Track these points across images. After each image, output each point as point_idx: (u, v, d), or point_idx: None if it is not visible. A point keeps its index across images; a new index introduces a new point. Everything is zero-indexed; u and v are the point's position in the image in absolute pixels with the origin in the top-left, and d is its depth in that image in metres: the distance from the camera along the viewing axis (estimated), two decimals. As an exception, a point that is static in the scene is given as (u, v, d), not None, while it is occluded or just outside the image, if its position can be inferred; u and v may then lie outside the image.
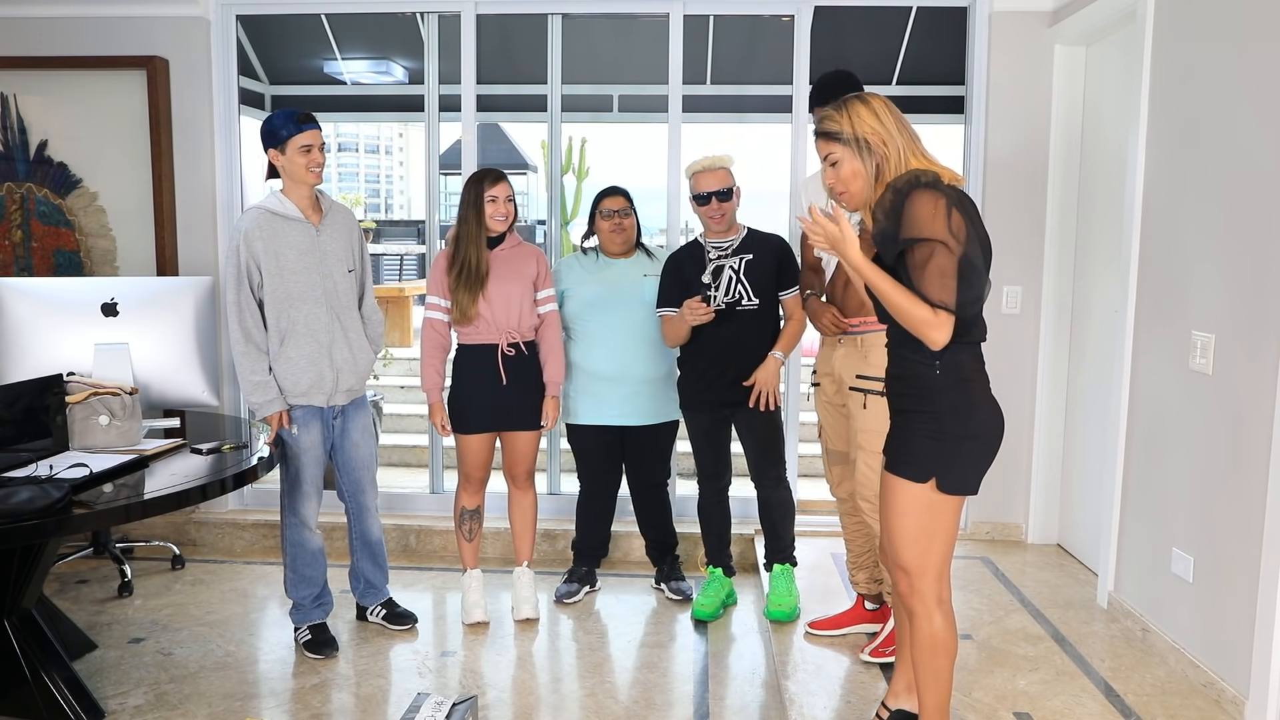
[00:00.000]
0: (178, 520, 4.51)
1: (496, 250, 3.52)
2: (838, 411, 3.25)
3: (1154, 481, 3.34)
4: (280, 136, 3.18)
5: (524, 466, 3.68)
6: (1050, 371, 4.33)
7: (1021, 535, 4.44)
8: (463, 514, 3.67)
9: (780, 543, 3.65)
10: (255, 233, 3.19)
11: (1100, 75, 4.09)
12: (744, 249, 3.55)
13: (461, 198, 3.51)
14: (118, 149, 4.45)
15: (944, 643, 2.29)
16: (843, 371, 3.15)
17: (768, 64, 4.92)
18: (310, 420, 3.32)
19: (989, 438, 2.22)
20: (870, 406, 3.04)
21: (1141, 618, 3.36)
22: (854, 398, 3.10)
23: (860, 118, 2.24)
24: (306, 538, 3.39)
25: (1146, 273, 3.41)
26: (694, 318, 3.38)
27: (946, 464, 2.21)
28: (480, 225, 3.47)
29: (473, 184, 3.49)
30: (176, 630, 3.61)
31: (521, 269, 3.55)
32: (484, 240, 3.48)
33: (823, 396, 3.30)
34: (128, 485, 2.71)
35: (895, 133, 2.23)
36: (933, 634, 2.28)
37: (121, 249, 4.50)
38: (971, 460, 2.22)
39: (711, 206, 3.50)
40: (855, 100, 2.28)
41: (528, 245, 3.63)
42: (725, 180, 3.50)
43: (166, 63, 4.39)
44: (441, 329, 3.55)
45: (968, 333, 2.18)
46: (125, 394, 3.05)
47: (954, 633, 2.29)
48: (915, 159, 2.21)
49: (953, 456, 2.20)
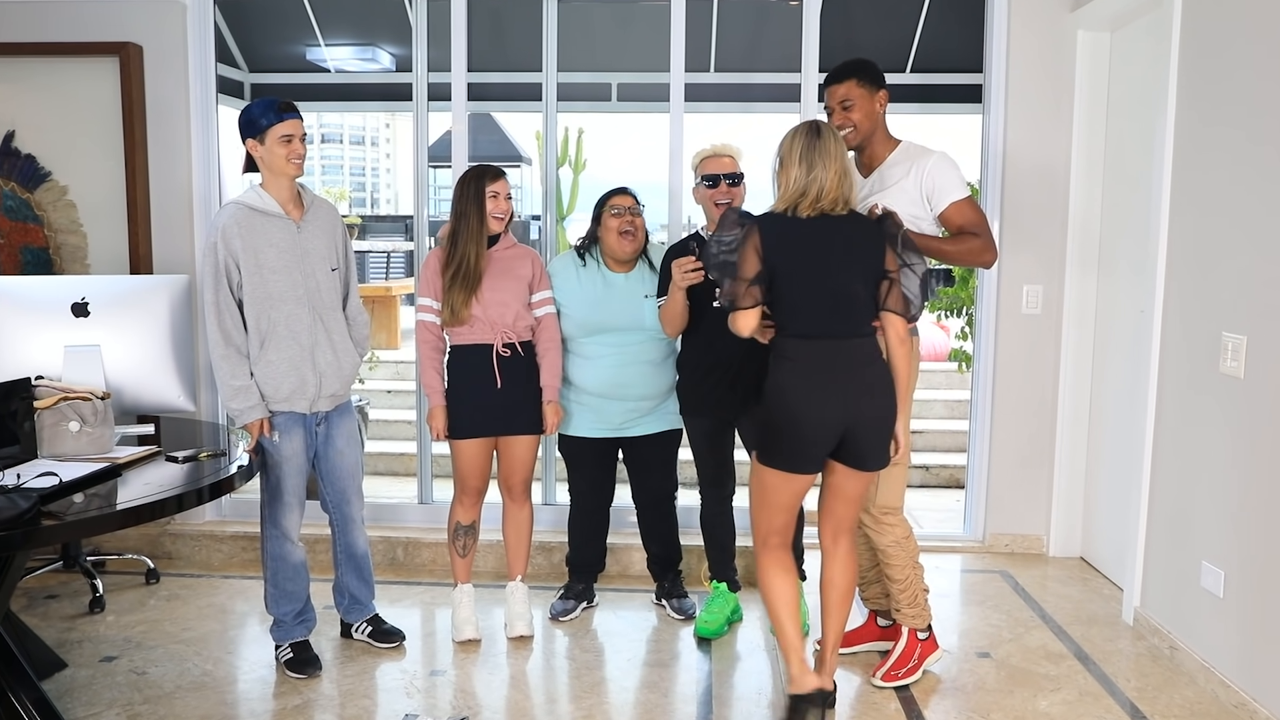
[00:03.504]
0: (152, 532, 4.51)
1: (492, 250, 3.53)
2: None
3: (1183, 491, 3.34)
4: (259, 126, 3.18)
5: (521, 476, 3.68)
6: (1072, 374, 4.34)
7: (1042, 548, 4.44)
8: (457, 529, 3.67)
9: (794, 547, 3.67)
10: (233, 229, 3.19)
11: (1126, 62, 4.09)
12: None
13: (458, 193, 3.52)
14: (89, 140, 4.45)
15: (768, 598, 2.92)
16: None
17: (774, 51, 4.93)
18: (292, 427, 3.32)
19: (782, 421, 2.77)
20: None
21: (1169, 635, 3.36)
22: None
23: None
24: (288, 550, 3.39)
25: (1175, 271, 3.41)
26: (684, 280, 3.37)
27: (759, 437, 2.88)
28: (482, 222, 3.48)
29: (472, 179, 3.50)
30: (151, 648, 3.61)
31: (517, 270, 3.56)
32: (484, 238, 3.49)
33: None
34: (99, 495, 2.71)
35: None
36: (762, 590, 2.94)
37: (93, 245, 4.50)
38: (770, 438, 2.82)
39: (720, 190, 3.53)
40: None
41: (522, 246, 3.65)
42: (735, 166, 3.57)
43: (140, 49, 4.39)
44: (435, 330, 3.55)
45: (782, 325, 2.82)
46: (97, 399, 3.05)
47: (771, 590, 2.89)
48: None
49: (760, 432, 2.86)
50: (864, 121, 3.17)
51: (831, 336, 2.77)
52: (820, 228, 2.79)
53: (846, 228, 2.80)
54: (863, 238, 2.80)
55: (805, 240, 2.78)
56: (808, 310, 2.78)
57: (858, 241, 2.80)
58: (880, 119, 3.21)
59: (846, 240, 2.79)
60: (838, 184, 2.78)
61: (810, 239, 2.78)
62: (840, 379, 2.75)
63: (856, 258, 2.79)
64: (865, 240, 2.80)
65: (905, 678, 3.17)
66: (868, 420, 2.78)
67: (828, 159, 2.78)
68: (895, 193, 3.12)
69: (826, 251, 2.78)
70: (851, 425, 2.77)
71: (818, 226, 2.79)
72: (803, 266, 2.78)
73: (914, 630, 3.20)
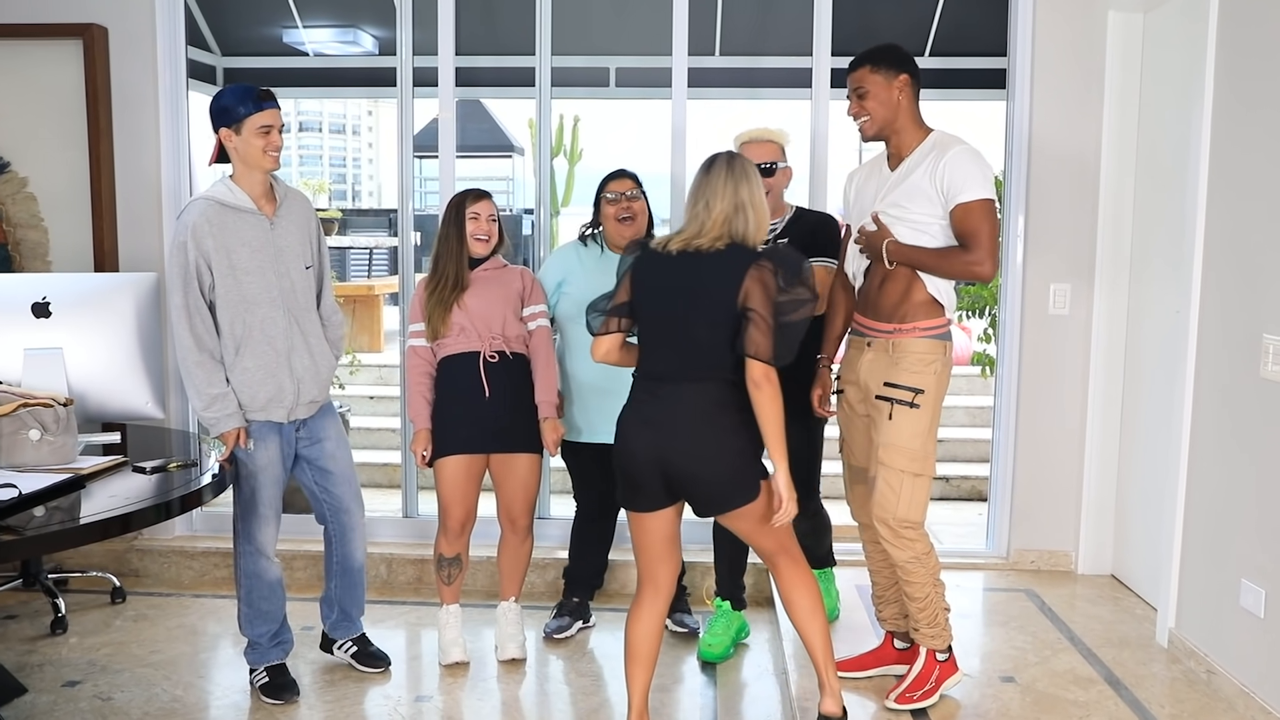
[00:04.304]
0: (118, 548, 4.51)
1: (477, 270, 3.57)
2: (861, 423, 3.25)
3: (1221, 504, 3.34)
4: (237, 114, 3.18)
5: (523, 505, 3.65)
6: (1103, 380, 4.33)
7: (1070, 564, 4.44)
8: (440, 561, 3.66)
9: (819, 550, 3.80)
10: (204, 227, 3.18)
11: (1160, 45, 4.09)
12: (785, 234, 3.63)
13: (441, 218, 3.61)
14: (50, 129, 4.45)
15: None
16: (869, 378, 3.16)
17: (784, 33, 4.94)
18: (267, 434, 3.31)
19: (615, 456, 2.91)
20: (896, 418, 3.04)
21: (1206, 658, 3.36)
22: (879, 407, 3.10)
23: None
24: (263, 567, 3.39)
25: (1212, 269, 3.41)
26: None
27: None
28: (461, 242, 3.54)
29: (453, 205, 3.59)
30: (116, 672, 3.60)
31: (506, 283, 3.61)
32: (465, 258, 3.55)
33: (845, 405, 3.31)
34: (61, 508, 2.71)
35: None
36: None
37: (55, 241, 4.50)
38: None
39: None
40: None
41: (514, 267, 3.69)
42: (773, 154, 3.60)
43: (105, 31, 4.40)
44: (426, 355, 3.58)
45: (638, 362, 2.92)
46: (59, 405, 3.05)
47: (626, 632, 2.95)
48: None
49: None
50: (879, 110, 3.13)
51: (670, 380, 2.81)
52: (680, 266, 2.81)
53: (706, 265, 2.79)
54: (717, 276, 2.78)
55: (664, 277, 2.84)
56: (653, 349, 2.86)
57: (710, 280, 2.78)
58: (903, 106, 3.14)
59: (700, 279, 2.79)
60: (722, 221, 2.78)
61: (668, 276, 2.83)
62: (655, 420, 2.79)
63: (705, 298, 2.78)
64: (719, 278, 2.77)
65: (920, 700, 3.17)
66: (679, 467, 2.77)
67: (714, 196, 2.79)
68: (910, 193, 3.07)
69: (678, 291, 2.81)
70: (666, 469, 2.78)
71: (678, 264, 2.82)
72: (656, 304, 2.85)
73: (932, 651, 3.19)
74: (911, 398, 3.04)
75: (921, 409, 3.05)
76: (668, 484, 2.80)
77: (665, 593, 2.92)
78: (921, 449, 3.06)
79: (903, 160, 3.15)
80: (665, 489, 2.81)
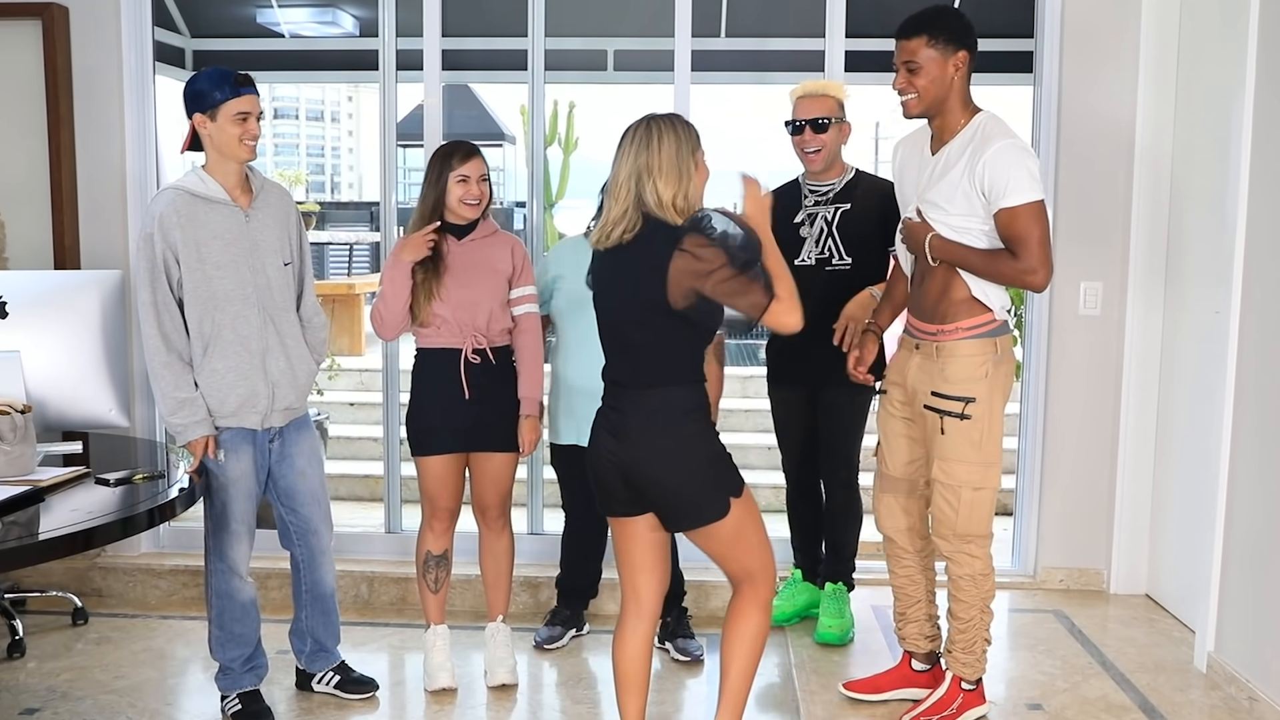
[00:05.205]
0: (80, 566, 4.51)
1: (465, 241, 3.53)
2: (902, 429, 3.25)
3: (1263, 519, 3.35)
4: (213, 100, 3.18)
5: (495, 498, 3.67)
6: (1137, 385, 4.34)
7: (1102, 584, 4.44)
8: (428, 560, 3.67)
9: (839, 556, 3.94)
10: (173, 218, 3.19)
11: (1199, 24, 4.10)
12: (844, 197, 3.73)
13: (425, 175, 3.54)
14: (7, 116, 4.46)
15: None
16: (915, 384, 3.16)
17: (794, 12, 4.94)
18: (240, 445, 3.32)
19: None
20: (949, 432, 3.05)
21: (1248, 684, 3.37)
22: (928, 418, 3.11)
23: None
24: (236, 587, 3.39)
25: (1255, 265, 3.42)
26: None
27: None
28: (435, 210, 3.48)
29: (438, 159, 3.51)
30: (78, 699, 3.61)
31: (493, 262, 3.56)
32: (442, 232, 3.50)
33: (888, 408, 3.31)
34: (19, 523, 2.71)
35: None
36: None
37: (12, 236, 4.51)
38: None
39: (805, 136, 3.72)
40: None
41: (504, 234, 3.65)
42: (829, 109, 3.70)
43: (66, 11, 4.40)
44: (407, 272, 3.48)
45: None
46: (16, 413, 3.05)
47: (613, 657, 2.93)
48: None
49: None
50: (931, 89, 3.03)
51: (630, 386, 2.79)
52: (604, 264, 2.80)
53: (626, 261, 2.72)
54: (636, 274, 2.69)
55: (596, 278, 2.85)
56: (608, 354, 2.85)
57: (630, 280, 2.71)
58: (956, 85, 3.04)
59: (621, 279, 2.75)
60: (624, 197, 2.68)
61: (598, 277, 2.84)
62: (618, 430, 2.78)
63: (633, 302, 2.72)
64: (641, 277, 2.68)
65: (938, 725, 3.18)
66: (644, 476, 2.75)
67: (614, 172, 2.72)
68: (949, 193, 3.02)
69: (608, 293, 2.81)
70: (630, 479, 2.76)
71: (603, 262, 2.80)
72: (599, 307, 2.86)
73: (959, 678, 3.20)
74: (961, 408, 3.04)
75: (974, 419, 3.05)
76: (635, 494, 2.80)
77: (649, 609, 2.90)
78: (980, 460, 3.06)
79: (944, 145, 3.08)
80: (633, 499, 2.81)
